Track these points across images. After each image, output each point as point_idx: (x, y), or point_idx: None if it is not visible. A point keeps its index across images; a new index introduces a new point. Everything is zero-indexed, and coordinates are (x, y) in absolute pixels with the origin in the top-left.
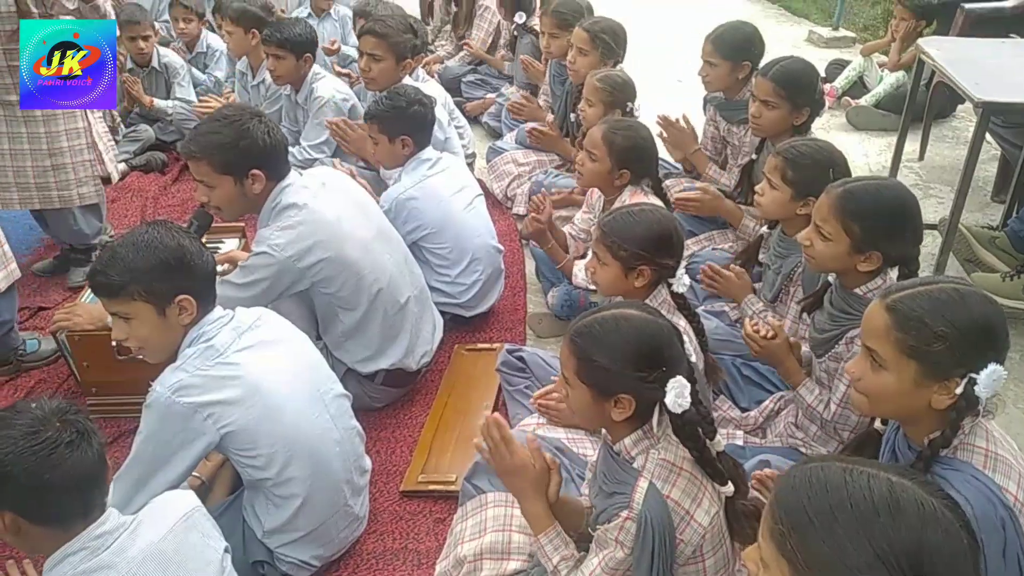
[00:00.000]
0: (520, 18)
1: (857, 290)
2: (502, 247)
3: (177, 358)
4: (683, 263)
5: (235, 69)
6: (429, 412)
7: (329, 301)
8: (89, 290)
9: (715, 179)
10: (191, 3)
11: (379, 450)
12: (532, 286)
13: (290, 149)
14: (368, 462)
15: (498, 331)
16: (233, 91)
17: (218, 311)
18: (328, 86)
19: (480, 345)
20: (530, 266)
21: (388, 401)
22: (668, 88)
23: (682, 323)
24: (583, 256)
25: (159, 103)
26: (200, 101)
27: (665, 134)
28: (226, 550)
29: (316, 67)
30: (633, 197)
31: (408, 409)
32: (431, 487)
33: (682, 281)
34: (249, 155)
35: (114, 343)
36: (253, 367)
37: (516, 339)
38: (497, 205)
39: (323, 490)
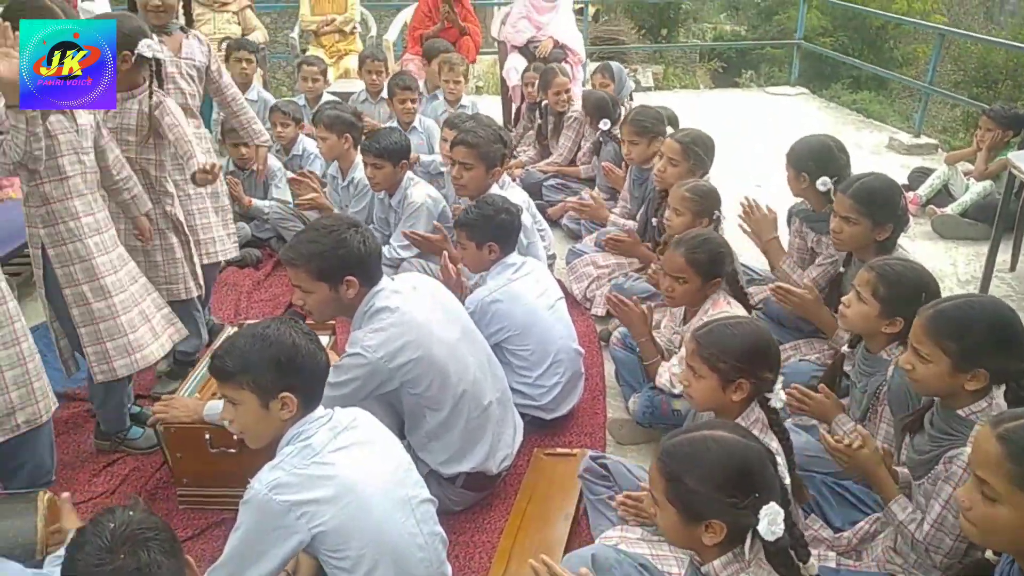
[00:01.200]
0: (604, 125)
1: (960, 411)
2: (583, 350)
3: (276, 455)
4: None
5: (327, 171)
6: (508, 518)
7: (417, 401)
8: (188, 384)
9: (789, 275)
10: (289, 110)
11: (458, 555)
12: (611, 390)
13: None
14: (449, 569)
15: (577, 435)
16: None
17: (320, 410)
18: (421, 191)
19: (560, 450)
20: (609, 369)
21: (468, 504)
22: (748, 193)
23: (774, 444)
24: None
25: (257, 203)
26: (298, 174)
27: (747, 224)
28: None
29: (409, 173)
30: (716, 306)
31: (487, 513)
32: None
33: (779, 396)
34: (345, 263)
35: (207, 436)
36: (347, 468)
37: (596, 444)
38: (576, 306)
39: None
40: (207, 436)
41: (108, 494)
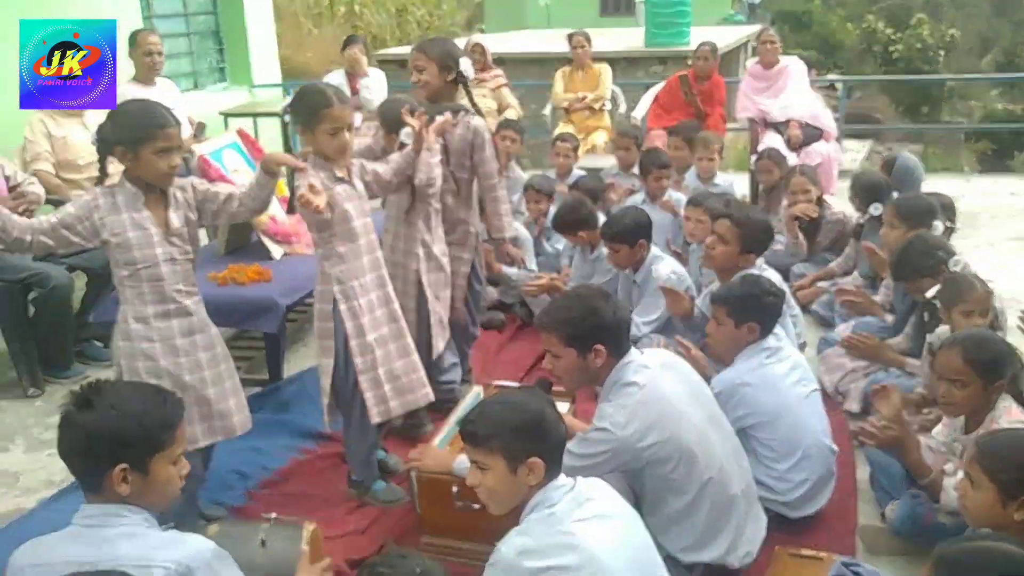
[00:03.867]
0: (876, 210)
1: None
2: (836, 448)
3: (520, 521)
4: None
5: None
6: None
7: (660, 483)
8: (440, 436)
9: None
10: (542, 186)
11: None
12: (864, 494)
13: None
14: None
15: (824, 538)
16: (570, 264)
17: (562, 478)
18: (666, 268)
19: (805, 551)
20: (863, 471)
21: None
22: None
23: None
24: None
25: (506, 270)
26: (536, 278)
27: None
28: None
29: (655, 248)
30: (1010, 415)
31: None
32: None
33: None
34: (595, 331)
35: (455, 489)
36: (590, 540)
37: (844, 550)
38: (827, 399)
39: None
40: (454, 489)
41: (359, 532)
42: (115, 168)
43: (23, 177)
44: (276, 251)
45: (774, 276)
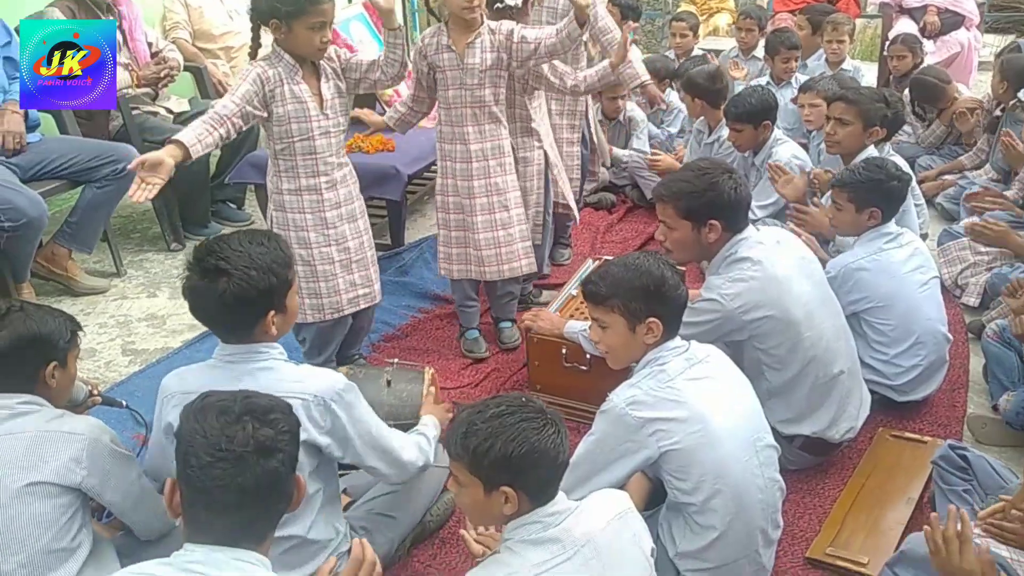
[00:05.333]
0: None
1: None
2: (951, 336)
3: (632, 375)
4: None
5: (692, 127)
6: (844, 488)
7: (759, 357)
8: (555, 302)
9: None
10: (659, 66)
11: (786, 510)
12: (976, 385)
13: None
14: (781, 519)
15: (929, 424)
16: (685, 147)
17: (677, 340)
18: (787, 151)
19: (908, 434)
20: (976, 363)
21: (802, 466)
22: None
23: None
24: None
25: (617, 152)
26: (652, 154)
27: None
28: (652, 552)
29: (777, 131)
30: None
31: (821, 480)
32: (839, 563)
33: None
34: (712, 206)
35: (564, 351)
36: (698, 398)
37: (951, 436)
38: (944, 292)
39: (739, 531)
40: (563, 351)
41: (472, 386)
42: (266, 38)
43: (164, 44)
44: None
45: (900, 162)
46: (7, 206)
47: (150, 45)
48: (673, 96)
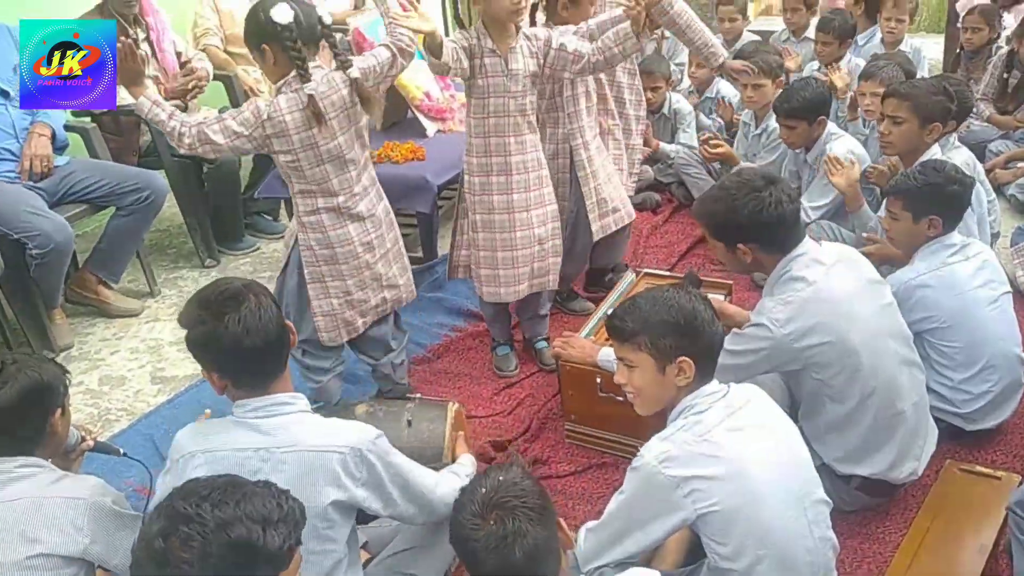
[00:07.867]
0: None
1: None
2: None
3: (666, 426)
4: None
5: (740, 116)
6: (907, 532)
7: (819, 388)
8: (587, 326)
9: None
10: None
11: (843, 559)
12: None
13: None
14: None
15: (1005, 456)
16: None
17: (713, 384)
18: (843, 146)
19: (980, 468)
20: None
21: (860, 507)
22: None
23: None
24: None
25: (663, 147)
26: (706, 139)
27: None
28: None
29: (831, 126)
30: None
31: (882, 522)
32: None
33: None
34: (739, 231)
35: (599, 380)
36: (739, 451)
37: None
38: (1018, 300)
39: None
40: (598, 380)
41: (504, 414)
42: None
43: (193, 53)
44: (430, 128)
45: (966, 157)
46: (35, 232)
47: (179, 55)
48: (724, 84)
